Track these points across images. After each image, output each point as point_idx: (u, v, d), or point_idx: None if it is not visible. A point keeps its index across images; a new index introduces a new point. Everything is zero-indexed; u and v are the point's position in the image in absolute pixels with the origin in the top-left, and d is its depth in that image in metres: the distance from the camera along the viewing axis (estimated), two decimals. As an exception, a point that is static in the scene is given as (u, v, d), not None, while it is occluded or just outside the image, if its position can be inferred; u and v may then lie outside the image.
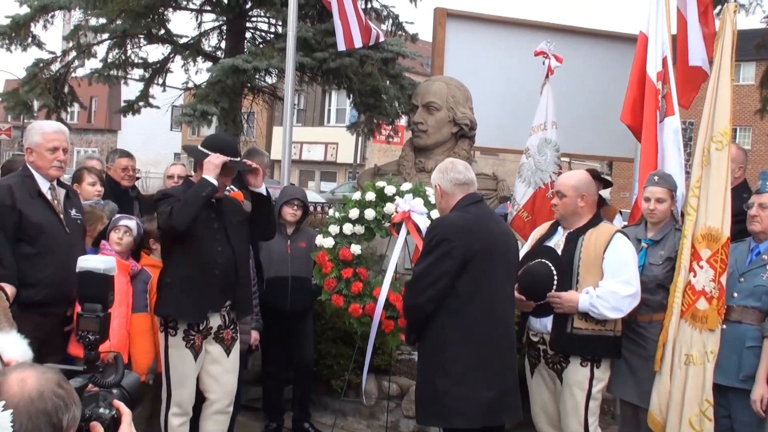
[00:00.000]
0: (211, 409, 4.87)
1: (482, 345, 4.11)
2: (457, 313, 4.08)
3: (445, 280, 4.06)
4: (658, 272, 4.86)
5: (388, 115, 10.86)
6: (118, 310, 4.83)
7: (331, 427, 5.90)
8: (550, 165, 7.40)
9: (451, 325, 4.10)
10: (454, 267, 4.06)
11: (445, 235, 4.12)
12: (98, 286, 2.31)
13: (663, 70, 5.98)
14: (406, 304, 4.35)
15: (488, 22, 8.55)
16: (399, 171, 7.41)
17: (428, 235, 4.29)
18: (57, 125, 4.81)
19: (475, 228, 4.17)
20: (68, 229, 4.64)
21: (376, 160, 13.19)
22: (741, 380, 4.47)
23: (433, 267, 4.09)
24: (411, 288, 4.24)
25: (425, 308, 4.12)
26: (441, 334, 4.13)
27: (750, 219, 4.64)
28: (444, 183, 4.34)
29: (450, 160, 4.53)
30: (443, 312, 4.09)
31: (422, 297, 4.11)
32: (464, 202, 4.29)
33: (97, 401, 2.05)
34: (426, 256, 4.17)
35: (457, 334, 4.09)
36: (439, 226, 4.26)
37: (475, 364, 4.09)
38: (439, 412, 4.15)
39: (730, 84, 4.75)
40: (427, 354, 4.26)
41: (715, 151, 4.70)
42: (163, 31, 11.64)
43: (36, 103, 11.54)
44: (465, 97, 7.33)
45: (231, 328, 4.84)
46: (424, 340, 4.25)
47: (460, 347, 4.09)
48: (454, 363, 4.09)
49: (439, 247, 4.09)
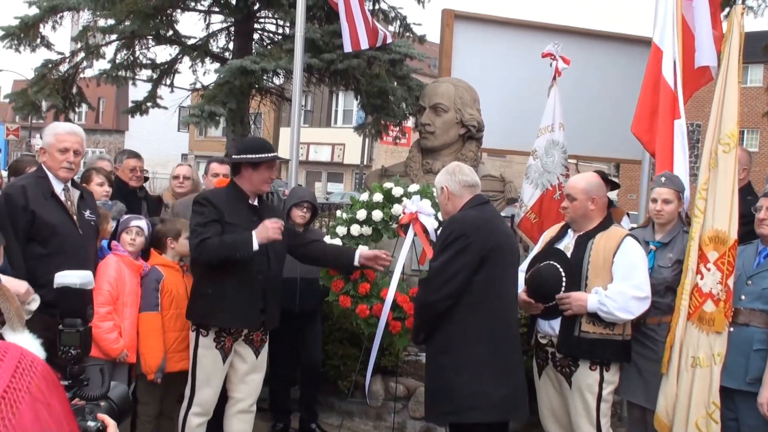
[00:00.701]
0: (235, 408, 4.90)
1: (495, 342, 4.13)
2: (472, 310, 4.09)
3: (462, 275, 4.07)
4: (667, 275, 4.84)
5: (395, 116, 10.88)
6: (130, 311, 4.87)
7: (337, 427, 5.91)
8: (558, 167, 7.40)
9: (465, 321, 4.10)
10: (471, 263, 4.07)
11: (463, 231, 4.13)
12: (76, 300, 2.30)
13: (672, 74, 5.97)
14: (420, 301, 4.34)
15: (496, 24, 8.56)
16: (406, 172, 7.42)
17: (444, 232, 4.28)
18: (71, 127, 4.80)
19: (489, 225, 4.22)
20: (81, 230, 4.64)
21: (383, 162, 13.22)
22: (748, 383, 4.45)
23: (451, 263, 4.09)
24: (427, 285, 4.23)
25: (441, 305, 4.11)
26: (454, 331, 4.13)
27: (759, 222, 4.63)
28: (452, 185, 4.36)
29: (456, 164, 4.57)
30: (457, 309, 4.09)
31: (439, 293, 4.10)
32: (474, 202, 4.33)
33: (83, 415, 2.03)
34: (442, 253, 4.15)
35: (471, 331, 4.10)
36: (455, 223, 4.25)
37: (488, 361, 4.10)
38: (453, 408, 4.15)
39: (737, 86, 4.75)
40: (437, 351, 4.26)
41: (723, 153, 4.70)
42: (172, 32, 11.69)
43: (44, 103, 11.60)
44: (472, 99, 7.34)
45: (261, 330, 4.87)
46: (435, 337, 4.25)
47: (475, 344, 4.10)
48: (468, 360, 4.09)
49: (456, 243, 4.10)
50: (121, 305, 4.82)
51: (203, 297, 4.70)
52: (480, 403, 4.08)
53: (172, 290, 4.94)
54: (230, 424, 4.93)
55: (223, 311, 4.65)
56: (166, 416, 5.15)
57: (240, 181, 4.77)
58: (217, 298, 4.63)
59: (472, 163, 7.50)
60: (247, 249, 4.50)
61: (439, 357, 4.24)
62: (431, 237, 5.12)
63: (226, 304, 4.63)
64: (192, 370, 4.75)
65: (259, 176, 4.72)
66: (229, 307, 4.64)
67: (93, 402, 2.15)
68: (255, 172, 4.71)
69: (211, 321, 4.70)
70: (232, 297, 4.62)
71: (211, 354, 4.70)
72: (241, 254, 4.51)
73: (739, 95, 4.76)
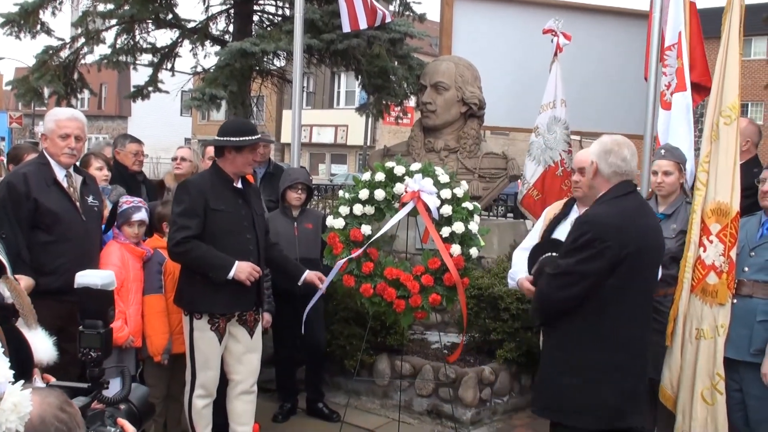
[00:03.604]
0: (236, 390, 4.93)
1: (617, 348, 3.83)
2: (597, 315, 3.81)
3: (591, 281, 3.76)
4: (671, 245, 4.84)
5: (396, 95, 10.85)
6: (135, 296, 4.89)
7: (344, 406, 5.94)
8: (560, 143, 7.40)
9: (587, 325, 3.83)
10: (603, 269, 3.74)
11: (599, 234, 3.76)
12: (98, 301, 2.23)
13: (677, 45, 5.97)
14: (543, 293, 4.02)
15: (496, 1, 8.53)
16: (408, 151, 7.43)
17: (579, 230, 3.87)
18: (72, 112, 4.76)
19: (630, 225, 3.81)
20: (84, 216, 4.64)
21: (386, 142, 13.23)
22: (752, 354, 4.46)
23: (581, 265, 3.77)
24: (553, 281, 3.91)
25: (563, 305, 3.86)
26: (574, 333, 3.87)
27: (762, 194, 4.62)
28: (603, 164, 3.93)
29: (617, 142, 3.99)
30: (581, 311, 3.82)
31: (564, 293, 3.83)
32: (614, 193, 3.90)
33: (102, 419, 2.01)
34: (574, 253, 3.82)
35: (592, 336, 3.83)
36: (591, 223, 3.84)
37: (606, 369, 3.83)
38: (557, 406, 3.95)
39: (738, 58, 4.73)
40: (554, 348, 4.02)
41: (724, 125, 4.69)
42: (171, 15, 11.66)
43: (46, 90, 11.59)
44: (473, 77, 7.32)
45: (254, 310, 4.89)
46: (554, 334, 4.02)
47: (594, 349, 3.82)
48: (586, 364, 3.83)
49: (591, 245, 3.75)
50: (126, 292, 4.84)
51: (193, 284, 4.67)
52: (589, 410, 3.85)
53: (174, 272, 4.95)
54: (234, 407, 4.95)
55: (219, 298, 4.64)
56: (174, 398, 5.18)
57: (223, 163, 4.71)
58: (210, 285, 4.60)
59: (474, 140, 7.51)
60: (221, 275, 4.51)
61: (555, 352, 4.00)
62: (433, 215, 5.12)
63: (221, 292, 4.61)
64: (190, 354, 4.75)
65: (243, 159, 4.68)
66: (224, 293, 4.62)
67: (113, 405, 2.12)
68: (238, 155, 4.66)
69: (207, 308, 4.68)
70: (227, 284, 4.58)
71: (207, 336, 4.70)
72: (213, 275, 4.53)
73: (740, 67, 4.74)
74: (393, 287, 5.13)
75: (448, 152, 7.38)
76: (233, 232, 4.66)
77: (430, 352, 6.46)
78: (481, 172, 7.35)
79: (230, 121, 5.08)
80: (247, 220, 4.74)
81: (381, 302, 5.16)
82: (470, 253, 5.16)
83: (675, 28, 6.03)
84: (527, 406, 6.26)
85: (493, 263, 6.91)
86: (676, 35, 6.01)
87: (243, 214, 4.73)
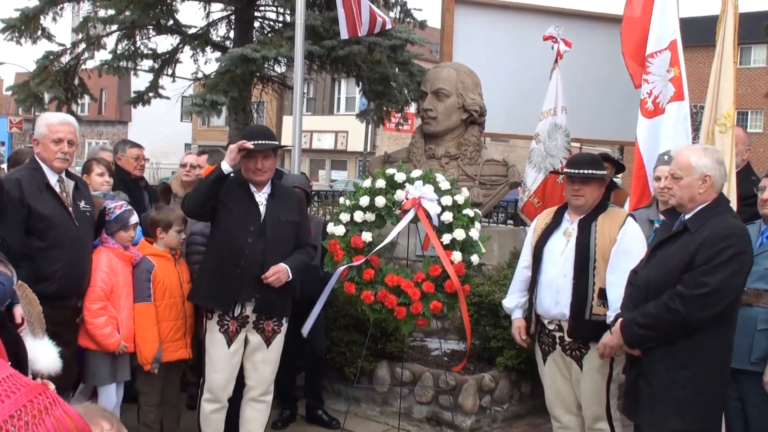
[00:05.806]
0: (247, 396, 4.96)
1: (727, 361, 3.89)
2: (722, 328, 3.80)
3: (734, 295, 3.73)
4: None
5: (397, 102, 10.88)
6: (125, 301, 4.86)
7: (344, 413, 5.93)
8: (561, 150, 7.40)
9: (712, 337, 3.79)
10: (744, 282, 3.79)
11: (743, 246, 3.74)
12: None
13: (672, 54, 5.94)
14: (681, 316, 3.74)
15: (497, 8, 8.54)
16: (409, 158, 7.42)
17: (722, 243, 3.72)
18: (63, 116, 4.74)
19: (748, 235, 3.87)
20: (77, 222, 4.61)
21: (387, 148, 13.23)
22: (752, 363, 4.45)
23: (731, 281, 3.70)
24: (703, 301, 3.71)
25: (703, 324, 3.73)
26: (698, 348, 3.79)
27: (761, 203, 4.61)
28: (717, 178, 3.86)
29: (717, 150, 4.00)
30: (712, 325, 3.76)
31: (710, 311, 3.71)
32: (724, 204, 3.91)
33: None
34: (721, 268, 3.68)
35: (716, 350, 3.82)
36: (734, 236, 3.75)
37: (722, 380, 3.88)
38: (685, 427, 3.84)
39: (733, 67, 4.73)
40: (676, 365, 3.86)
41: (719, 134, 4.70)
42: (172, 21, 11.69)
43: (47, 95, 11.62)
44: (474, 83, 7.32)
45: (273, 321, 4.88)
46: (672, 349, 3.86)
47: (714, 362, 3.82)
48: (710, 378, 3.81)
49: (735, 259, 3.69)
50: (116, 297, 4.79)
51: (202, 275, 4.90)
52: (714, 426, 3.86)
53: (164, 280, 4.92)
54: (244, 411, 4.98)
55: (201, 289, 4.85)
56: (169, 404, 5.16)
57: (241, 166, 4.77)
58: (202, 277, 4.85)
59: (474, 147, 7.51)
60: (217, 172, 4.54)
61: (680, 371, 3.83)
62: (434, 222, 5.12)
63: (204, 283, 4.83)
64: (205, 355, 4.83)
65: (246, 164, 4.70)
66: (206, 286, 4.80)
67: None
68: (246, 160, 4.68)
69: (193, 298, 4.92)
70: (211, 278, 4.75)
71: (216, 338, 4.74)
72: (215, 176, 4.55)
73: (735, 75, 4.75)
74: (394, 294, 5.12)
75: (449, 159, 7.38)
76: (232, 231, 4.68)
77: (430, 359, 6.45)
78: (481, 179, 7.34)
79: (250, 126, 5.14)
80: (255, 225, 4.71)
81: (382, 309, 5.15)
82: (471, 260, 5.16)
83: (665, 36, 5.97)
84: (527, 414, 6.26)
85: (494, 270, 6.89)
86: (665, 42, 5.95)
87: (252, 218, 4.71)
